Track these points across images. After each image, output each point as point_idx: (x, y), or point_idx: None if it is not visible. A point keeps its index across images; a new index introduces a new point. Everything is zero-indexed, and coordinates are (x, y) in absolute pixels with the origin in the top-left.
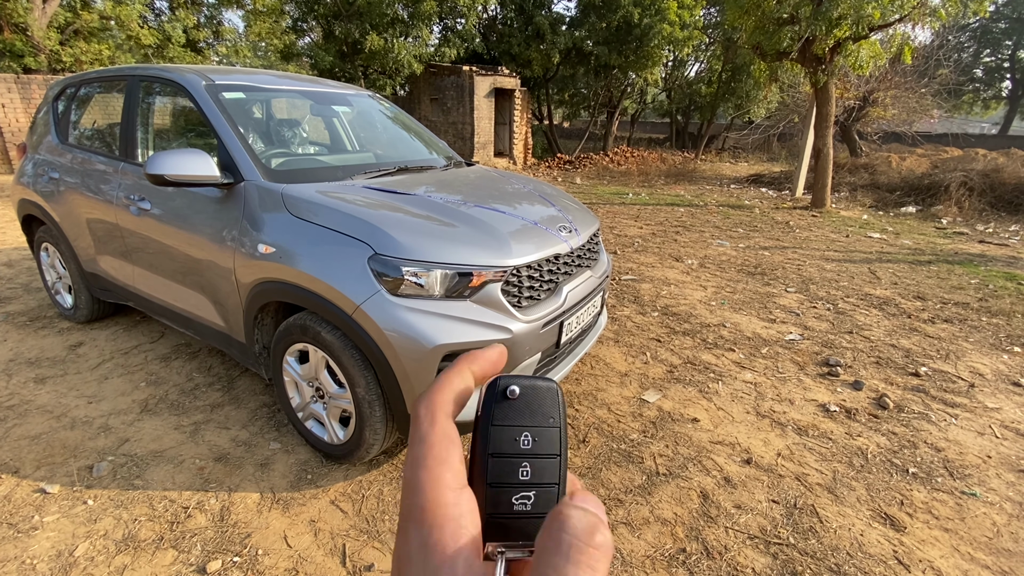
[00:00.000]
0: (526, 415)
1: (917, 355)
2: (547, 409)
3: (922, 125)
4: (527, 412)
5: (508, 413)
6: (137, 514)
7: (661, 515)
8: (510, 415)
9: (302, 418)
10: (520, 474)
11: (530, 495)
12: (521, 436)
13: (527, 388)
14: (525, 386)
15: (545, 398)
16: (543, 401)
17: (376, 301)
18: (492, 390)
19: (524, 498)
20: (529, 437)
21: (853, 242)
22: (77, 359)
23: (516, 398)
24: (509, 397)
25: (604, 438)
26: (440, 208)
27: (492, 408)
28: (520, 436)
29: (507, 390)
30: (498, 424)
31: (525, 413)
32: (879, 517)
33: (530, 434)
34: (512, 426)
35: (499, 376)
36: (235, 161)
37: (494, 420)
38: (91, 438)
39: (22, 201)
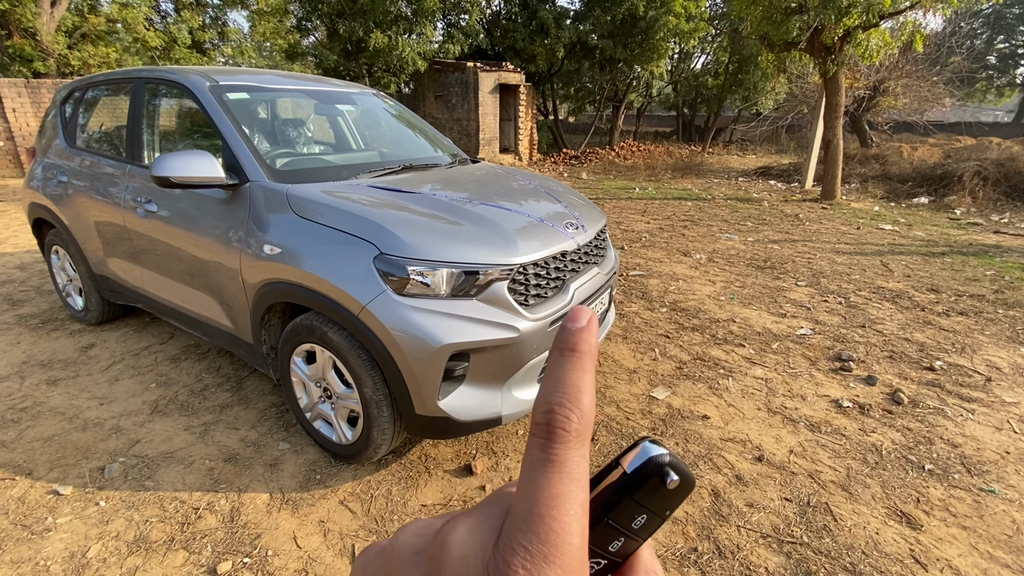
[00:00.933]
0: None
1: (932, 349)
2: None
3: (934, 114)
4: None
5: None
6: (148, 515)
7: (672, 514)
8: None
9: (310, 418)
10: (611, 546)
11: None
12: (640, 516)
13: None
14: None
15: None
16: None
17: (382, 301)
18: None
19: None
20: (643, 520)
21: (864, 234)
22: (88, 361)
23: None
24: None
25: (613, 436)
26: (445, 206)
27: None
28: (639, 516)
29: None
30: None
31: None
32: (895, 515)
33: (646, 518)
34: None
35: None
36: (240, 162)
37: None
38: (103, 439)
39: (32, 205)
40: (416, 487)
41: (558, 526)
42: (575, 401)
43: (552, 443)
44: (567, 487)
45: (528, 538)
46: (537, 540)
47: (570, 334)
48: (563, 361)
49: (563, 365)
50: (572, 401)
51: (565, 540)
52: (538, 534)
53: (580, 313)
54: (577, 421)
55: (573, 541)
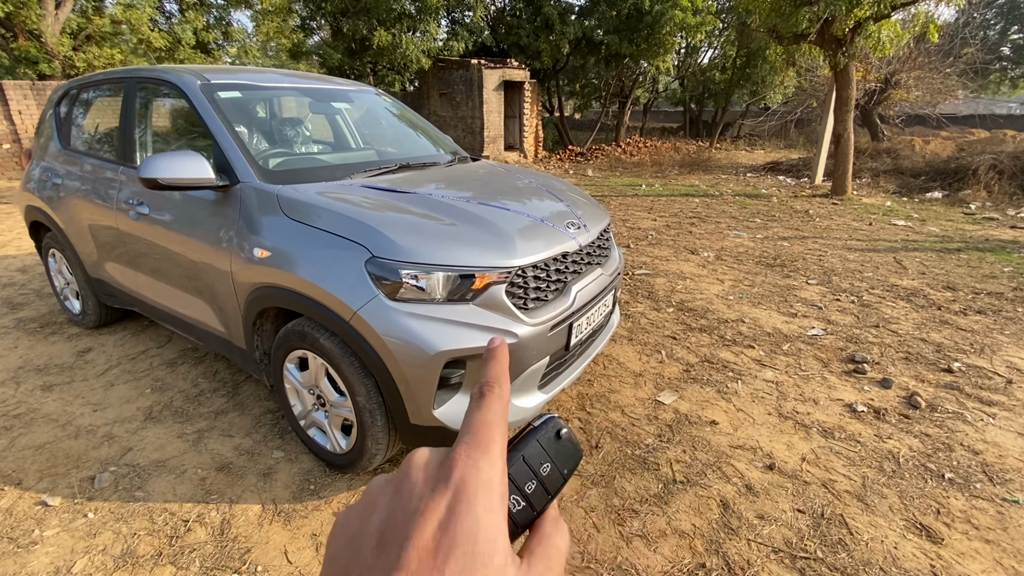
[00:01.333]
0: (555, 455)
1: (949, 349)
2: (569, 464)
3: (947, 107)
4: (559, 453)
5: (549, 443)
6: (136, 528)
7: (679, 527)
8: (549, 445)
9: (304, 426)
10: (526, 486)
11: (521, 504)
12: (545, 464)
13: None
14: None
15: (573, 456)
16: (571, 457)
17: (374, 306)
18: (550, 422)
19: (516, 500)
20: (548, 469)
21: (877, 230)
22: (85, 365)
23: (560, 440)
24: (559, 436)
25: (618, 443)
26: (441, 207)
27: (544, 432)
28: (544, 464)
29: (560, 430)
30: (540, 444)
31: (556, 453)
32: (914, 527)
33: (549, 468)
34: (546, 453)
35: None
36: (230, 162)
37: (540, 439)
38: (94, 448)
39: (28, 207)
40: None
41: (487, 432)
42: (497, 379)
43: (483, 399)
44: (491, 416)
45: (467, 438)
46: (472, 438)
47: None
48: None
49: (487, 365)
50: (495, 379)
51: (491, 439)
52: (473, 435)
53: (494, 339)
54: (498, 389)
55: (497, 440)
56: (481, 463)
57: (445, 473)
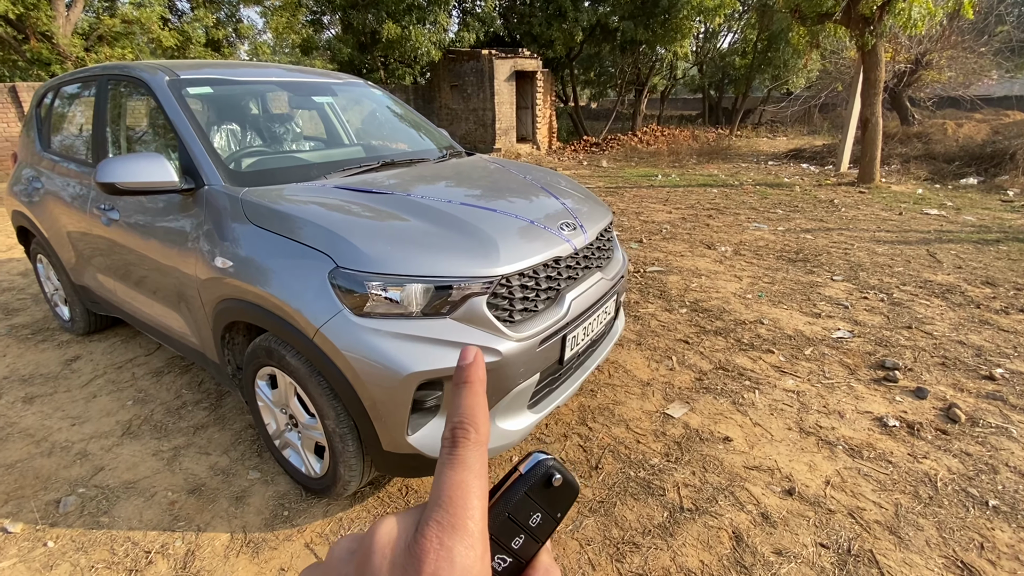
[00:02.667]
0: (548, 501)
1: (990, 353)
2: (563, 505)
3: (980, 88)
4: (551, 500)
5: (540, 492)
6: (95, 560)
7: (685, 563)
8: (540, 495)
9: (279, 446)
10: (513, 542)
11: (507, 560)
12: (535, 515)
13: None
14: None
15: (568, 497)
16: (565, 498)
17: (338, 322)
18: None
19: (501, 559)
20: (539, 519)
21: (907, 220)
22: (70, 375)
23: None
24: (552, 484)
25: (620, 463)
26: (419, 209)
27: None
28: (535, 514)
29: (552, 478)
30: (529, 496)
31: (549, 500)
32: (954, 566)
33: (540, 517)
34: (535, 503)
35: (549, 457)
36: (196, 164)
37: (528, 491)
38: (66, 466)
39: (14, 212)
40: None
41: (462, 503)
42: (472, 419)
43: (456, 448)
44: (467, 476)
45: (439, 514)
46: (445, 515)
47: (462, 370)
48: (460, 391)
49: (461, 394)
50: (470, 419)
51: (467, 515)
52: (446, 510)
53: (467, 351)
54: (474, 433)
55: (474, 515)
56: (456, 549)
57: (415, 565)
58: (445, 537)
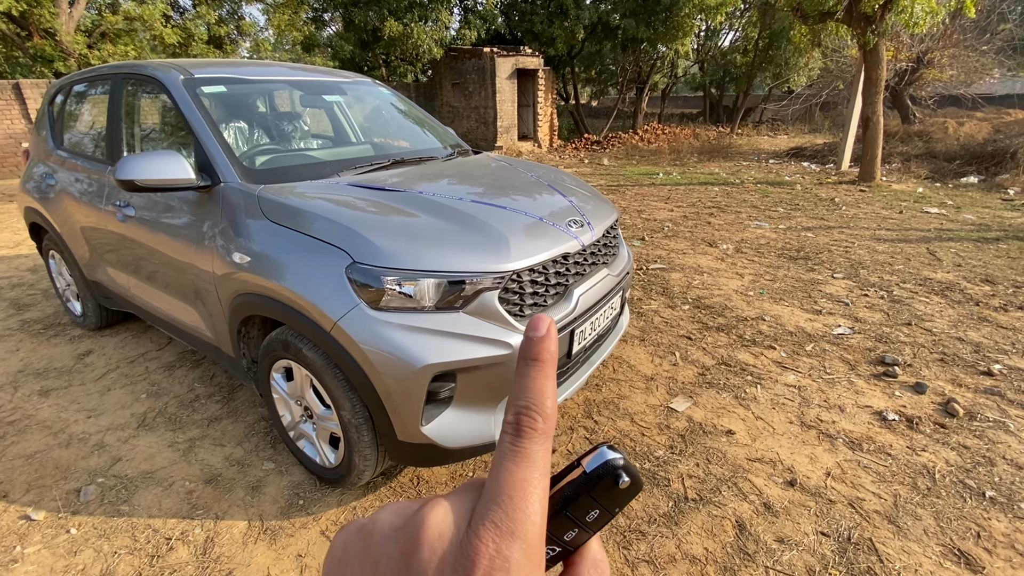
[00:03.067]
0: (610, 499)
1: (989, 350)
2: (622, 502)
3: (982, 86)
4: (612, 496)
5: (603, 491)
6: (118, 546)
7: (690, 551)
8: (601, 494)
9: (294, 437)
10: (565, 535)
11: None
12: (593, 511)
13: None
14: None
15: (630, 494)
16: (627, 496)
17: (355, 316)
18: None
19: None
20: (596, 515)
21: (908, 219)
22: (83, 369)
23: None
24: (616, 484)
25: (626, 453)
26: (431, 206)
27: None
28: (593, 511)
29: (619, 479)
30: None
31: (611, 497)
32: (952, 554)
33: (598, 513)
34: (595, 502)
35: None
36: (212, 162)
37: (593, 492)
38: (84, 457)
39: (27, 208)
40: None
41: (523, 505)
42: (539, 405)
43: (520, 439)
44: (531, 474)
45: (497, 515)
46: (504, 517)
47: (532, 343)
48: (528, 369)
49: (528, 373)
50: (537, 405)
51: (528, 518)
52: (506, 511)
53: (539, 322)
54: (541, 422)
55: (535, 520)
56: (513, 558)
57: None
58: (503, 543)
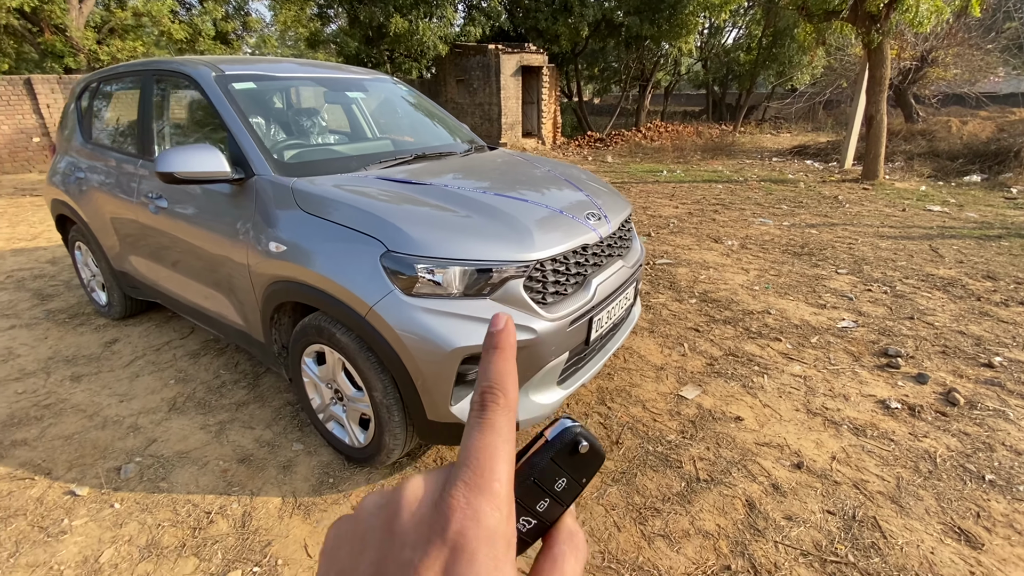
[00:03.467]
0: (574, 467)
1: (990, 343)
2: (588, 471)
3: (986, 85)
4: (577, 465)
5: (566, 459)
6: (161, 519)
7: (702, 527)
8: (566, 461)
9: (323, 419)
10: (538, 505)
11: (532, 522)
12: (560, 480)
13: (591, 450)
14: (591, 447)
15: (594, 463)
16: (591, 465)
17: (389, 301)
18: (566, 434)
19: (526, 521)
20: (564, 483)
21: (910, 216)
22: (111, 356)
23: (579, 453)
24: (578, 450)
25: (639, 439)
26: (457, 198)
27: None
28: (560, 479)
29: (578, 444)
30: (555, 462)
31: (575, 466)
32: (952, 532)
33: (566, 481)
34: (561, 469)
35: (576, 424)
36: (245, 155)
37: (555, 457)
38: (120, 438)
39: (54, 201)
40: None
41: (489, 465)
42: (501, 384)
43: (485, 412)
44: (495, 439)
45: (467, 475)
46: (472, 476)
47: (492, 336)
48: (491, 356)
49: (491, 359)
50: (499, 384)
51: (494, 477)
52: (473, 471)
53: (498, 318)
54: (503, 397)
55: (500, 478)
56: (483, 508)
57: (441, 522)
58: (472, 497)
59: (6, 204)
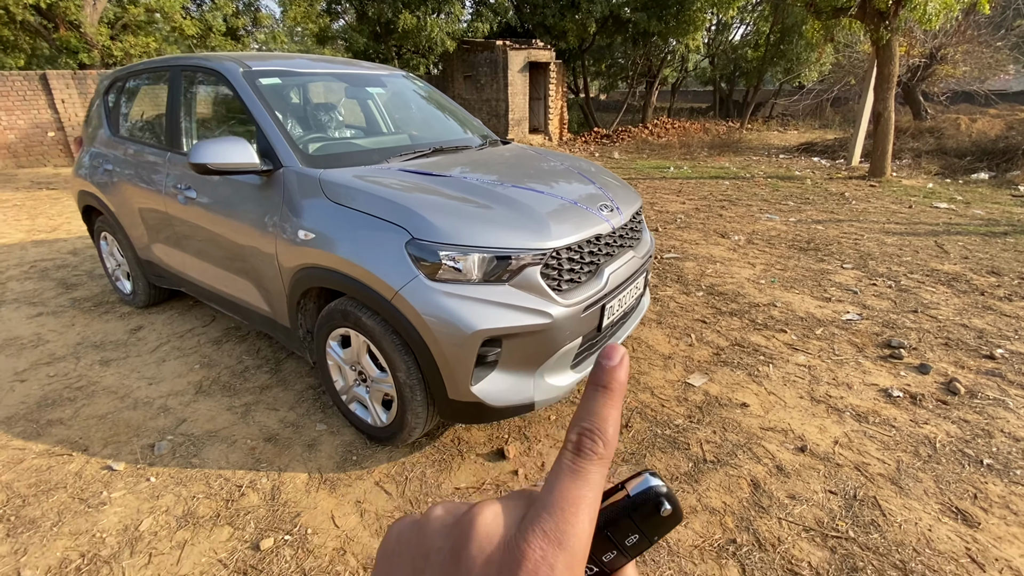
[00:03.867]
0: (651, 525)
1: (992, 335)
2: (663, 530)
3: (996, 83)
4: (654, 524)
5: (644, 517)
6: (195, 491)
7: (709, 504)
8: (643, 519)
9: (346, 401)
10: (604, 556)
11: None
12: (633, 535)
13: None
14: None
15: (671, 523)
16: (667, 524)
17: (414, 286)
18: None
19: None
20: (635, 540)
21: (917, 213)
22: (137, 342)
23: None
24: (658, 512)
25: (647, 423)
26: (476, 189)
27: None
28: (632, 535)
29: (660, 507)
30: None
31: (652, 524)
32: (949, 511)
33: (638, 537)
34: (636, 527)
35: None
36: (273, 147)
37: (634, 516)
38: (152, 418)
39: (81, 192)
40: (449, 470)
41: (573, 520)
42: (602, 431)
43: (580, 458)
44: (585, 493)
45: (548, 524)
46: (554, 527)
47: (604, 371)
48: (596, 395)
49: (596, 398)
50: (600, 430)
51: (577, 532)
52: (556, 522)
53: (614, 352)
54: (602, 447)
55: (582, 535)
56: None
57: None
58: (550, 551)
59: (24, 197)
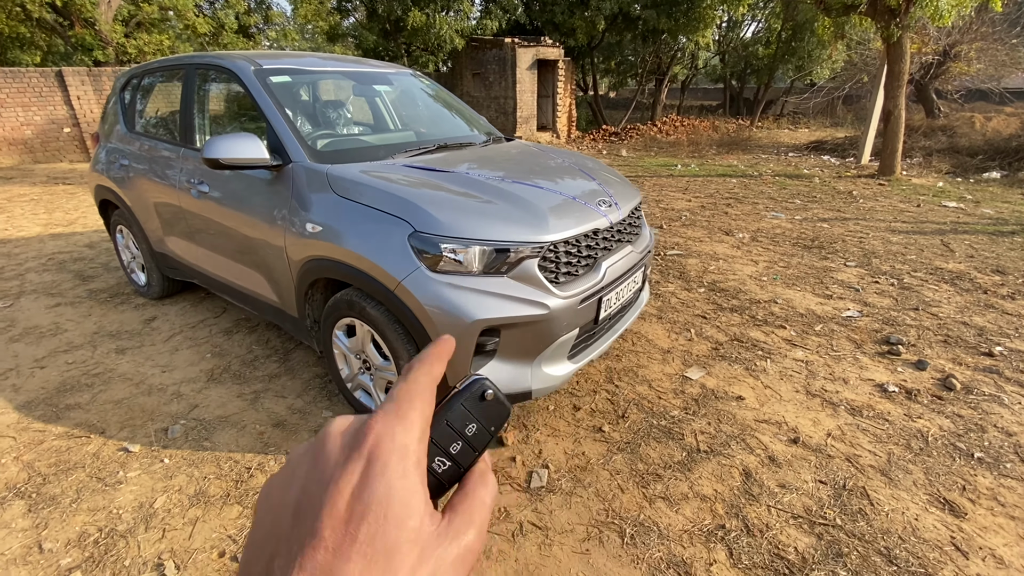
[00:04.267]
0: (482, 414)
1: (992, 333)
2: (496, 421)
3: (1013, 81)
4: (484, 413)
5: (473, 405)
6: (207, 472)
7: (700, 491)
8: (474, 407)
9: (351, 388)
10: (451, 447)
11: (447, 463)
12: (470, 424)
13: (495, 399)
14: (496, 397)
15: (500, 413)
16: (497, 414)
17: (416, 277)
18: (473, 384)
19: (441, 462)
20: (474, 428)
21: (924, 212)
22: (151, 332)
23: (485, 401)
24: (484, 398)
25: (644, 414)
26: (478, 185)
27: (467, 394)
28: (470, 424)
29: (484, 392)
30: (464, 407)
31: (483, 413)
32: (937, 502)
33: (475, 427)
34: (470, 414)
35: (484, 377)
36: (283, 143)
37: (463, 402)
38: (165, 403)
39: (98, 187)
40: None
41: (407, 401)
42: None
43: (410, 370)
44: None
45: (386, 407)
46: (391, 407)
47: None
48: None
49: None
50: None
51: (410, 407)
52: (396, 404)
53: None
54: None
55: (415, 407)
56: (396, 429)
57: (359, 441)
58: (389, 420)
59: (41, 192)
